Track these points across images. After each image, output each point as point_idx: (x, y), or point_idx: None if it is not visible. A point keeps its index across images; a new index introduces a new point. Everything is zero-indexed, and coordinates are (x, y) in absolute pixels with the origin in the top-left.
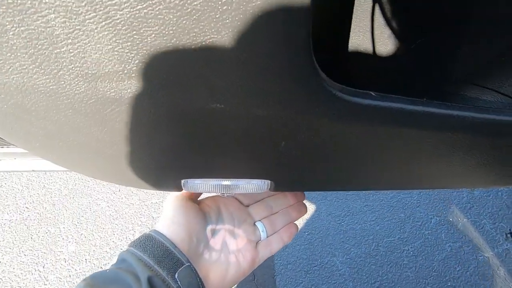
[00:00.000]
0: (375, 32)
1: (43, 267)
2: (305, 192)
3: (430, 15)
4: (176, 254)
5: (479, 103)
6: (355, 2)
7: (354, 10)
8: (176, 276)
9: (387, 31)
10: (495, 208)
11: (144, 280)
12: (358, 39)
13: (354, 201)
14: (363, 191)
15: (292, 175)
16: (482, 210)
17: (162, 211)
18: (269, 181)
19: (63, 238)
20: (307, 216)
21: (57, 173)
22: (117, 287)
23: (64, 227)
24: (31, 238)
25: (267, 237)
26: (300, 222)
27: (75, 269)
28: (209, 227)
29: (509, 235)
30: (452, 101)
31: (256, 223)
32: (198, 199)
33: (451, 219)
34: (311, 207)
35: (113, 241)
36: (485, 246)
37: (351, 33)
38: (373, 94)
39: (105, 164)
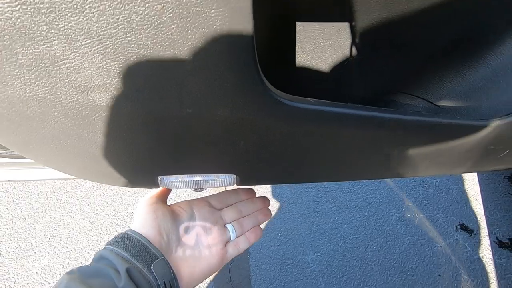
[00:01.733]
0: (316, 51)
1: (14, 282)
2: (278, 195)
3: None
4: (151, 249)
5: (407, 108)
6: (301, 29)
7: (301, 36)
8: (151, 267)
9: (327, 50)
10: (447, 204)
11: (123, 272)
12: (307, 58)
13: (323, 203)
14: (334, 193)
15: (253, 169)
16: (435, 206)
17: (135, 215)
18: (235, 176)
19: (35, 252)
20: (279, 218)
21: (27, 187)
22: (99, 279)
23: (35, 241)
24: (0, 253)
25: (236, 237)
26: (273, 224)
27: (49, 283)
28: (182, 226)
29: (458, 227)
30: (388, 107)
31: (226, 225)
32: (177, 202)
33: (409, 215)
34: (283, 210)
35: (88, 253)
36: (438, 237)
37: (301, 53)
38: (310, 100)
39: (91, 163)
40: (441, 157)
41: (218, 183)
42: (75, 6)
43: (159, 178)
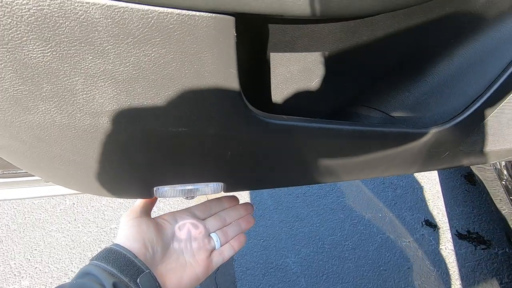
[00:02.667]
0: (288, 75)
1: None
2: (259, 203)
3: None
4: (136, 263)
5: (366, 119)
6: (274, 57)
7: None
8: (138, 281)
9: (297, 74)
10: (413, 202)
11: (109, 287)
12: (280, 81)
13: (302, 208)
14: (311, 198)
15: (238, 177)
16: (403, 205)
17: (119, 229)
18: (222, 184)
19: (14, 274)
20: (261, 224)
21: (2, 208)
22: None
23: (15, 263)
24: None
25: (220, 246)
26: (256, 230)
27: None
28: (166, 238)
29: (424, 223)
30: (353, 119)
31: (211, 234)
32: (161, 215)
33: (380, 215)
34: (265, 216)
35: (71, 271)
36: (406, 234)
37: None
38: (284, 117)
39: (95, 178)
40: (396, 159)
41: (208, 191)
42: (96, 51)
43: (154, 189)
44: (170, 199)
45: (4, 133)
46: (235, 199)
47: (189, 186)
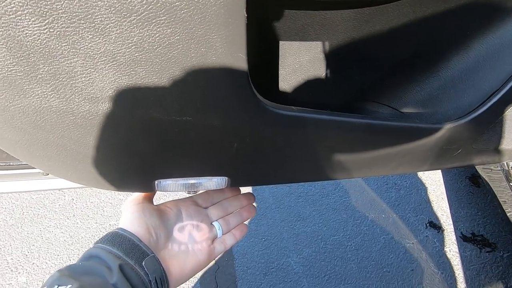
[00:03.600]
0: (297, 66)
1: None
2: (261, 201)
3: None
4: (141, 247)
5: (376, 114)
6: (283, 47)
7: (284, 53)
8: (143, 264)
9: (307, 65)
10: (417, 203)
11: (115, 268)
12: (289, 71)
13: (304, 207)
14: (313, 197)
15: (244, 171)
16: (407, 206)
17: (122, 214)
18: (227, 178)
19: (11, 270)
20: (263, 223)
21: (0, 202)
22: (91, 277)
23: (12, 259)
24: None
25: (222, 234)
26: (257, 229)
27: None
28: (169, 225)
29: (428, 225)
30: (359, 113)
31: (213, 223)
32: (164, 202)
33: (383, 216)
34: (266, 215)
35: None
36: (410, 235)
37: (284, 67)
38: (293, 108)
39: (93, 169)
40: (407, 156)
41: (211, 186)
42: (97, 29)
43: (156, 182)
44: (173, 192)
45: None
46: (237, 189)
47: (192, 180)
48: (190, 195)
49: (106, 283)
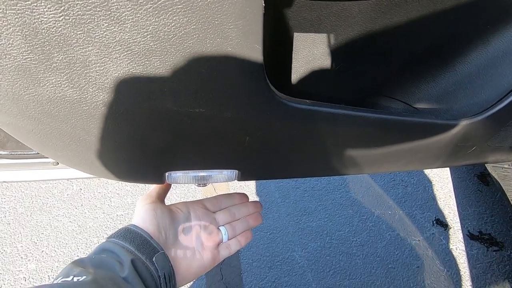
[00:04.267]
0: (310, 58)
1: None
2: (266, 195)
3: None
4: (152, 243)
5: (389, 109)
6: (297, 39)
7: (298, 45)
8: (153, 260)
9: (320, 58)
10: (424, 201)
11: (127, 263)
12: (302, 64)
13: (310, 202)
14: (319, 192)
15: (254, 165)
16: (413, 203)
17: (135, 211)
18: (237, 171)
19: (21, 257)
20: (268, 217)
21: (10, 191)
22: (103, 270)
23: (22, 246)
24: None
25: (228, 239)
26: (263, 223)
27: None
28: (178, 225)
29: (434, 222)
30: (372, 108)
31: (219, 227)
32: (174, 203)
33: (389, 212)
34: (272, 209)
35: (77, 255)
36: (416, 232)
37: (298, 60)
38: (307, 101)
39: (104, 159)
40: (420, 152)
41: (221, 178)
42: (112, 17)
43: (166, 174)
44: (181, 193)
45: (12, 108)
46: (245, 196)
47: (203, 173)
48: (200, 187)
49: (117, 276)
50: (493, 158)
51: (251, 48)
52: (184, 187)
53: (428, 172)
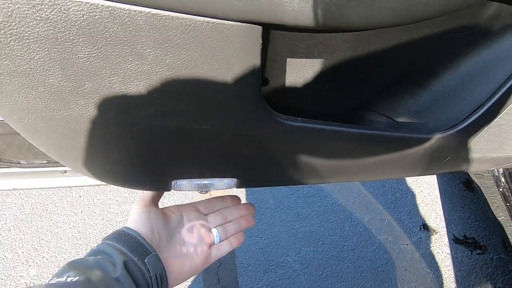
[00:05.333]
0: (301, 80)
1: None
2: (261, 202)
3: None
4: (145, 245)
5: (373, 123)
6: (289, 63)
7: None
8: (145, 261)
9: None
10: (412, 206)
11: (120, 264)
12: (294, 86)
13: (303, 208)
14: (312, 198)
15: (252, 174)
16: (402, 208)
17: (130, 214)
18: (236, 180)
19: (22, 263)
20: (263, 222)
21: (11, 198)
22: (96, 271)
23: (23, 252)
24: None
25: (220, 241)
26: (257, 228)
27: None
28: (171, 228)
29: (422, 227)
30: (360, 123)
31: (211, 229)
32: (167, 206)
33: (379, 217)
34: (266, 215)
35: None
36: (404, 236)
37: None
38: (298, 119)
39: (121, 170)
40: (401, 163)
41: (222, 186)
42: (136, 54)
43: (172, 182)
44: (175, 197)
45: (43, 127)
46: (237, 198)
47: (205, 181)
48: (203, 193)
49: (110, 277)
50: (467, 167)
51: (251, 76)
52: (178, 192)
53: (416, 179)
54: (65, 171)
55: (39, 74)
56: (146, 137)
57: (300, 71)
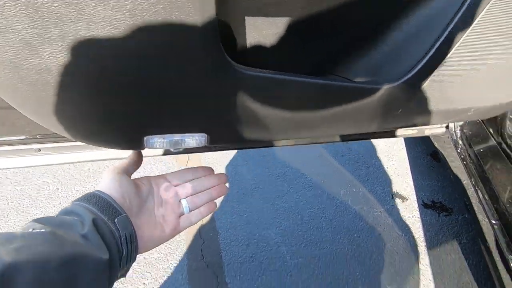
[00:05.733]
0: (262, 39)
1: None
2: (241, 182)
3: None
4: (115, 207)
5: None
6: (249, 22)
7: (249, 28)
8: (115, 221)
9: (271, 39)
10: (384, 178)
11: (89, 221)
12: (255, 46)
13: (282, 186)
14: (290, 177)
15: (221, 130)
16: (375, 180)
17: (101, 179)
18: (206, 136)
19: None
20: (243, 201)
21: None
22: (64, 228)
23: None
24: None
25: (189, 211)
26: (238, 207)
27: None
28: (142, 198)
29: (393, 195)
30: None
31: (181, 200)
32: (138, 178)
33: (354, 190)
34: (247, 194)
35: None
36: (378, 205)
37: (250, 41)
38: (259, 69)
39: (92, 127)
40: (358, 115)
41: (193, 143)
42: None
43: (145, 138)
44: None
45: (13, 75)
46: (210, 169)
47: (176, 137)
48: (175, 151)
49: (77, 234)
50: (421, 120)
51: (207, 24)
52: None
53: (387, 153)
54: (39, 149)
55: (5, 19)
56: (113, 88)
57: (258, 30)
